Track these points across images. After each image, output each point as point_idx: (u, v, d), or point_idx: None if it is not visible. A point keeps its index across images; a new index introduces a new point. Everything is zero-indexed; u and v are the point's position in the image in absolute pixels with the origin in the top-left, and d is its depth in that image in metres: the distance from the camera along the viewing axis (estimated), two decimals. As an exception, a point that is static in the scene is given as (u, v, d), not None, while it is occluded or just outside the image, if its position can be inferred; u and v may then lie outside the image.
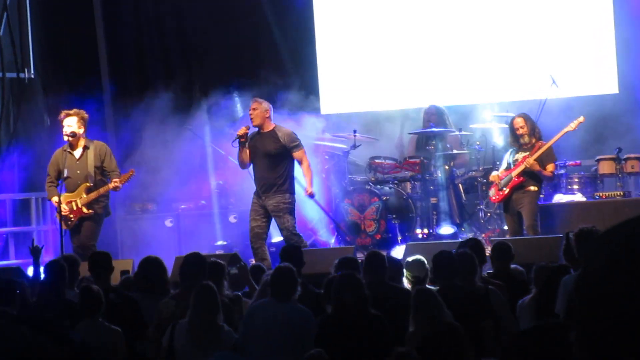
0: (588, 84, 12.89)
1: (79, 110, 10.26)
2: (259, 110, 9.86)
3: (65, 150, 10.17)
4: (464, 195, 11.81)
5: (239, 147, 9.89)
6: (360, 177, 12.11)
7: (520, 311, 6.53)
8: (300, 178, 10.06)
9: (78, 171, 10.13)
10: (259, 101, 10.01)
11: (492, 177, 10.67)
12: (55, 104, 13.23)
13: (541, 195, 10.72)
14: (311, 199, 10.23)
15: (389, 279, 6.91)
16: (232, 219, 12.23)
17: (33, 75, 13.51)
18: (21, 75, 13.35)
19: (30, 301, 6.60)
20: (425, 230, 11.53)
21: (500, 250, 7.65)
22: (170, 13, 14.33)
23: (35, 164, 12.70)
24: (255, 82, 12.77)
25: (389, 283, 6.80)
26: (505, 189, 10.39)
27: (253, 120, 9.87)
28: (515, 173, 10.32)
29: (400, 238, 11.32)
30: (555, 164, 10.50)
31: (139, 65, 14.31)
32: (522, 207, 10.28)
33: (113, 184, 10.01)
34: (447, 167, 11.70)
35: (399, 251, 10.46)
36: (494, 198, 10.63)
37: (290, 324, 6.04)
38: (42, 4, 13.77)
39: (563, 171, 11.45)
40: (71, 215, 10.08)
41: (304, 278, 7.29)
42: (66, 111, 10.22)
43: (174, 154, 12.42)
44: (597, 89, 12.85)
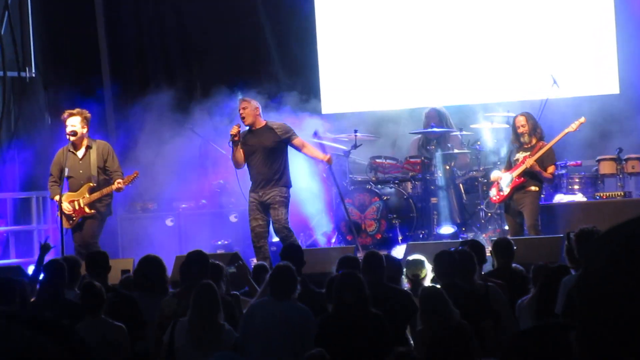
0: (589, 84, 12.88)
1: (82, 110, 10.25)
2: (249, 108, 9.93)
3: (69, 150, 10.17)
4: (464, 195, 11.80)
5: (233, 147, 9.94)
6: (361, 177, 12.10)
7: (519, 311, 6.52)
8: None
9: (81, 171, 10.13)
10: (248, 100, 10.11)
11: (493, 177, 10.66)
12: (56, 103, 13.23)
13: (542, 196, 10.71)
14: (329, 170, 10.40)
15: (389, 279, 6.90)
16: (233, 218, 12.23)
17: (34, 74, 13.50)
18: (22, 74, 13.34)
19: (30, 300, 6.59)
20: (426, 230, 11.53)
21: (501, 247, 7.64)
22: (171, 13, 14.32)
23: (36, 162, 12.70)
24: (256, 82, 12.77)
25: (387, 284, 6.78)
26: (506, 190, 10.39)
27: (245, 119, 9.92)
28: (516, 173, 10.31)
29: (400, 238, 11.31)
30: (555, 165, 10.51)
31: (139, 64, 14.31)
32: (523, 207, 10.27)
33: (116, 185, 10.00)
34: (448, 167, 11.70)
35: (399, 251, 10.45)
36: (495, 198, 10.62)
37: (290, 322, 6.03)
38: (44, 2, 13.76)
39: (564, 171, 11.44)
40: (73, 215, 10.08)
41: (305, 277, 7.29)
42: (69, 111, 10.22)
43: (175, 153, 12.42)
44: (598, 89, 12.85)
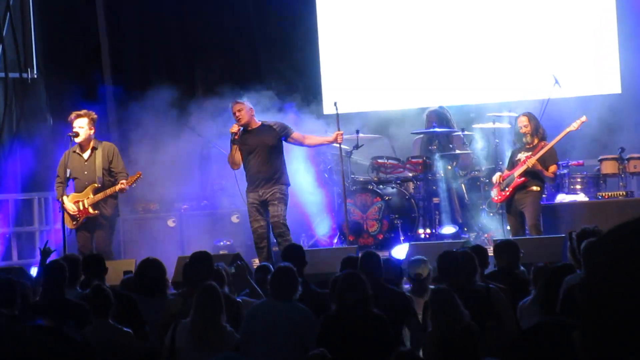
0: (591, 83, 12.89)
1: (89, 112, 10.28)
2: (244, 110, 10.00)
3: (74, 152, 10.21)
4: (466, 195, 11.79)
5: (231, 147, 9.98)
6: (362, 177, 12.10)
7: (521, 313, 6.51)
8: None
9: (86, 172, 10.17)
10: (241, 101, 10.15)
11: (495, 178, 10.65)
12: (57, 103, 13.24)
13: (544, 195, 10.71)
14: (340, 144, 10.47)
15: (389, 282, 6.87)
16: (235, 219, 12.23)
17: (36, 75, 13.51)
18: (24, 75, 13.36)
19: (32, 301, 6.59)
20: (428, 230, 11.52)
21: (502, 249, 7.58)
22: (173, 13, 14.32)
23: (38, 163, 12.71)
24: (258, 82, 12.76)
25: (384, 285, 6.75)
26: (507, 189, 10.38)
27: (241, 121, 9.98)
28: (517, 173, 10.31)
29: (402, 238, 11.31)
30: (557, 164, 10.50)
31: (141, 65, 14.32)
32: (525, 207, 10.27)
33: (119, 186, 10.05)
34: (450, 167, 11.70)
35: (401, 251, 10.45)
36: (496, 199, 10.62)
37: (291, 323, 6.03)
38: (45, 3, 13.77)
39: (566, 171, 11.43)
40: (77, 215, 10.12)
41: (307, 277, 7.29)
42: (76, 112, 10.25)
43: (177, 153, 12.42)
44: (600, 88, 12.85)
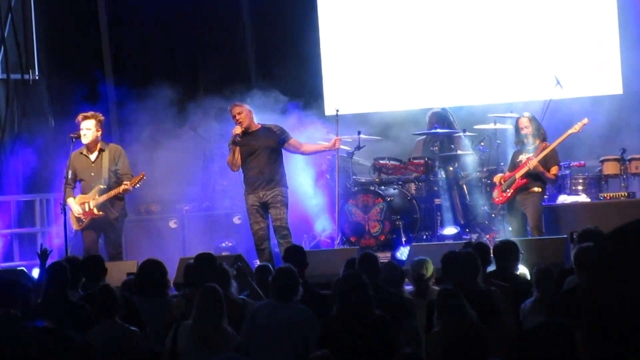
0: (592, 84, 12.88)
1: (96, 113, 10.31)
2: (244, 112, 10.01)
3: (81, 153, 10.24)
4: (468, 196, 11.79)
5: (231, 149, 9.99)
6: (364, 178, 12.10)
7: (523, 314, 6.51)
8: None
9: (92, 173, 10.20)
10: (240, 104, 10.19)
11: (496, 179, 10.64)
12: (59, 105, 13.25)
13: (545, 196, 10.71)
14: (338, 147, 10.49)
15: (390, 283, 6.86)
16: (237, 220, 12.23)
17: (37, 77, 13.52)
18: (25, 76, 13.37)
19: (34, 303, 6.60)
20: (430, 232, 11.52)
21: (501, 251, 7.55)
22: (174, 15, 14.33)
23: (39, 165, 12.71)
24: (259, 83, 12.77)
25: (382, 286, 6.74)
26: (508, 190, 10.38)
27: (242, 123, 9.96)
28: (519, 174, 10.30)
29: (404, 239, 11.31)
30: (559, 165, 10.50)
31: (143, 66, 14.33)
32: (527, 208, 10.26)
33: (123, 187, 10.08)
34: (451, 168, 11.70)
35: (403, 252, 10.45)
36: (498, 199, 10.61)
37: (292, 324, 6.03)
38: (47, 5, 13.78)
39: (567, 172, 11.43)
40: (83, 217, 10.15)
41: (309, 279, 7.29)
42: (84, 114, 10.27)
43: (178, 155, 12.42)
44: (602, 89, 12.84)
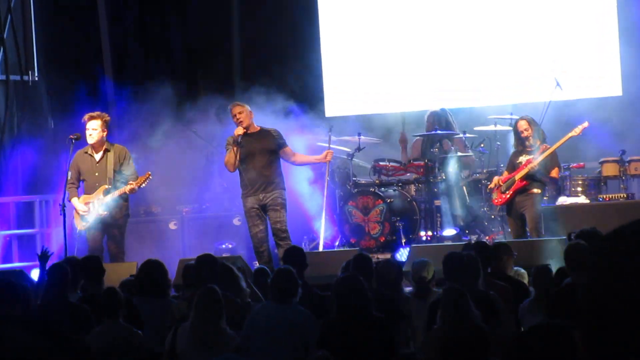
0: (592, 86, 12.90)
1: (102, 113, 10.35)
2: (245, 112, 10.04)
3: (86, 153, 10.26)
4: (467, 198, 11.78)
5: (230, 149, 9.98)
6: (364, 180, 12.10)
7: (522, 313, 6.52)
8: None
9: (97, 173, 10.21)
10: (240, 104, 10.20)
11: (492, 184, 10.61)
12: (59, 106, 13.25)
13: (545, 198, 10.70)
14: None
15: (389, 284, 6.86)
16: (237, 222, 12.23)
17: (37, 78, 13.52)
18: (25, 77, 13.36)
19: (34, 304, 6.60)
20: (429, 233, 11.52)
21: (500, 252, 7.53)
22: (175, 16, 14.33)
23: (39, 166, 12.71)
24: (259, 84, 12.77)
25: (378, 288, 6.73)
26: (508, 192, 10.37)
27: (243, 123, 9.98)
28: (518, 176, 10.30)
29: (404, 240, 11.31)
30: (559, 167, 10.49)
31: (143, 67, 14.33)
32: (526, 210, 10.26)
33: (129, 187, 10.11)
34: (451, 170, 11.69)
35: (402, 253, 10.45)
36: (497, 201, 10.61)
37: (291, 325, 6.04)
38: (46, 6, 13.78)
39: (567, 173, 11.43)
40: (87, 215, 10.15)
41: (307, 280, 7.29)
42: (90, 114, 10.30)
43: (178, 156, 12.42)
44: (601, 91, 12.86)
